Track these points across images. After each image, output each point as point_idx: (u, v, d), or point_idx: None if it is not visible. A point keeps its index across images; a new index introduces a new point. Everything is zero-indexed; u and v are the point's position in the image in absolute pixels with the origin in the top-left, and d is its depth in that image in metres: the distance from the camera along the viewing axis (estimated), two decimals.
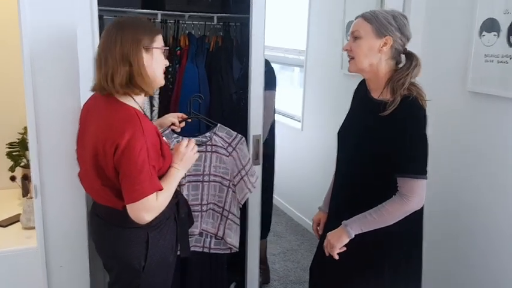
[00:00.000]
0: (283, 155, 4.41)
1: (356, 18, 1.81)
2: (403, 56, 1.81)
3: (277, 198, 4.74)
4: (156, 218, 1.66)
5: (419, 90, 1.75)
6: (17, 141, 2.65)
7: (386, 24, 1.72)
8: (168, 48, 1.78)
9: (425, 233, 1.90)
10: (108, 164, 1.59)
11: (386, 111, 1.70)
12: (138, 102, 1.70)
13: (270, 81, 2.98)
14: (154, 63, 1.68)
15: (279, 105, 4.69)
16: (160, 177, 1.70)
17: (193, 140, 1.86)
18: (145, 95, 1.73)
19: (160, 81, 1.74)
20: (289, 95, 4.83)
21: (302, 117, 4.26)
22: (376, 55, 1.75)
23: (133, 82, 1.62)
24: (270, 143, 3.08)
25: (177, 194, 1.97)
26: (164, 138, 2.06)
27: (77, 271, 2.12)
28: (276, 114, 4.49)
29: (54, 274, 2.09)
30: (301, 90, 4.25)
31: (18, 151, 2.64)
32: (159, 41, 1.71)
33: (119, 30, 1.62)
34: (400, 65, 1.79)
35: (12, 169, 2.60)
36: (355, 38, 1.77)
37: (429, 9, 2.64)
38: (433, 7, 2.62)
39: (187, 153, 1.79)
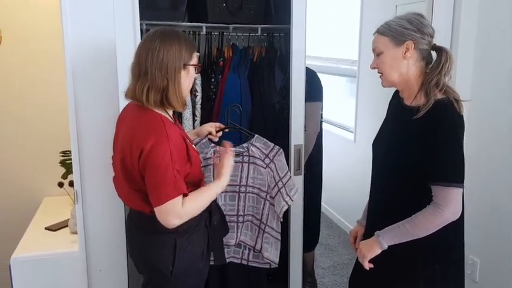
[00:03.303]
0: (336, 167, 4.34)
1: (373, 34, 1.78)
2: (434, 55, 1.74)
3: (330, 210, 4.68)
4: (184, 224, 1.67)
5: (455, 94, 1.67)
6: (70, 149, 2.79)
7: (401, 31, 1.68)
8: (201, 65, 1.81)
9: (474, 246, 1.78)
10: (134, 167, 1.64)
11: (419, 113, 1.63)
12: (169, 113, 1.74)
13: (316, 92, 2.94)
14: (188, 79, 1.72)
15: (330, 115, 4.67)
16: (191, 183, 1.73)
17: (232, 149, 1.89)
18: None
19: (187, 95, 1.78)
20: (341, 106, 4.76)
21: (355, 128, 4.17)
22: (402, 63, 1.70)
23: (168, 100, 1.66)
24: (316, 154, 3.03)
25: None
26: (198, 146, 2.10)
27: (115, 275, 2.19)
28: (328, 125, 4.48)
29: (94, 277, 2.18)
30: (353, 100, 4.16)
31: (71, 159, 2.77)
32: (195, 57, 1.74)
33: (162, 41, 1.64)
34: (430, 65, 1.72)
35: (64, 176, 2.74)
36: (378, 54, 1.75)
37: (482, 11, 2.52)
38: (486, 9, 2.50)
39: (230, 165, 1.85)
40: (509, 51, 2.35)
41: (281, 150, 2.29)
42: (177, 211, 1.61)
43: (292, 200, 2.29)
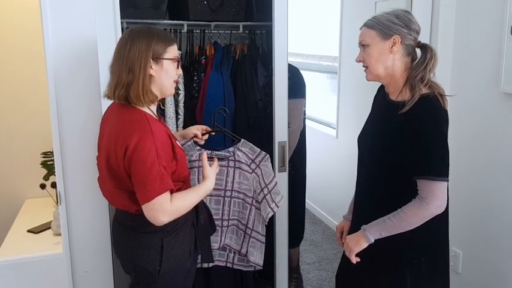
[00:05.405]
0: (319, 163, 4.37)
1: (360, 28, 1.79)
2: (419, 52, 1.76)
3: (314, 206, 4.70)
4: (171, 223, 1.66)
5: (440, 88, 1.69)
6: (52, 150, 2.75)
7: (389, 25, 1.70)
8: (179, 59, 1.78)
9: (457, 238, 1.80)
10: (119, 165, 1.62)
11: (404, 108, 1.65)
12: (152, 109, 1.73)
13: (298, 89, 2.95)
14: (164, 74, 1.68)
15: (312, 112, 4.69)
16: (179, 180, 1.73)
17: (205, 153, 1.88)
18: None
19: (168, 92, 1.75)
20: (323, 102, 4.79)
21: (337, 124, 4.19)
22: (388, 57, 1.72)
23: (131, 96, 1.62)
24: (300, 150, 3.04)
25: None
26: (182, 146, 2.08)
27: (101, 276, 2.17)
28: (310, 121, 4.50)
29: (80, 279, 2.15)
30: (335, 96, 4.19)
31: (53, 160, 2.74)
32: (172, 51, 1.70)
33: (130, 38, 1.63)
34: (416, 61, 1.75)
35: (46, 178, 2.70)
36: (364, 47, 1.76)
37: (459, 8, 2.56)
38: (463, 6, 2.53)
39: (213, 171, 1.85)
40: (487, 48, 2.39)
41: (267, 156, 2.26)
42: (165, 208, 1.60)
43: (277, 207, 2.27)
